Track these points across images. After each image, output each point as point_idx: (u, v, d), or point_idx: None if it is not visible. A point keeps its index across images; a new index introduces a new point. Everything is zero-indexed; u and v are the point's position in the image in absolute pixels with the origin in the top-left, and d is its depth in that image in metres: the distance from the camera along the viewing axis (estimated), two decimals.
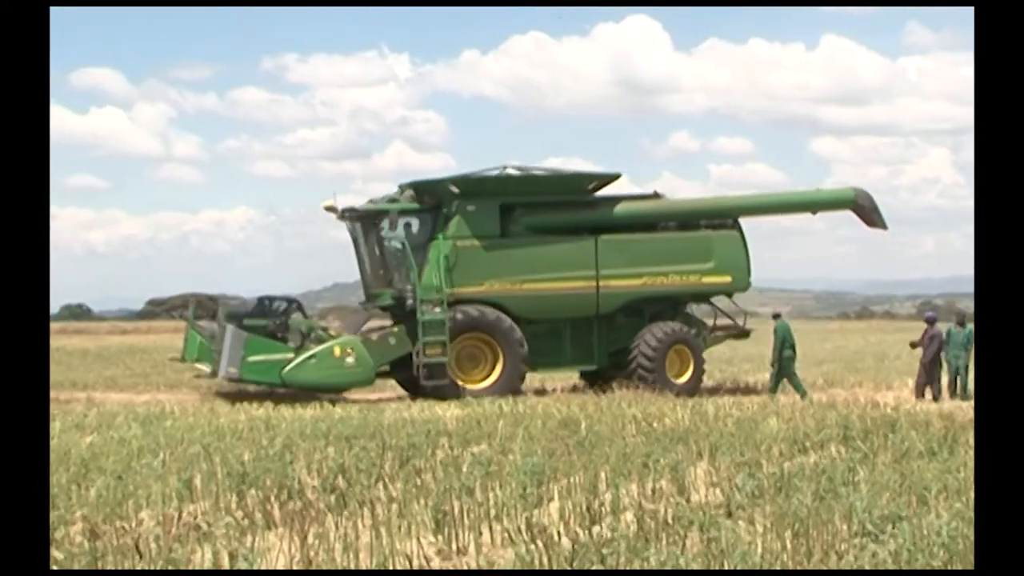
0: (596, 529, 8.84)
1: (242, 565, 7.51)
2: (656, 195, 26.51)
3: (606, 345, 25.22)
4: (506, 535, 8.88)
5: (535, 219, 24.89)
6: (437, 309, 23.65)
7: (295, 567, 7.94)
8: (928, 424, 14.46)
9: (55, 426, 17.48)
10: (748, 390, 25.70)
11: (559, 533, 8.70)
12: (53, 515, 9.60)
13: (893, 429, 13.96)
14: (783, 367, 24.24)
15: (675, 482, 10.77)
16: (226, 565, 7.65)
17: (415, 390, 23.93)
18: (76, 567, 7.81)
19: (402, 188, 25.49)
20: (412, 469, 11.92)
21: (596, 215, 25.32)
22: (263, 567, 7.84)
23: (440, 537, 8.87)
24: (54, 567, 7.77)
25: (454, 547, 8.68)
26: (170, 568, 7.68)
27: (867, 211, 25.86)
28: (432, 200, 24.75)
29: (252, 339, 23.32)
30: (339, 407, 20.51)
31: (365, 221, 24.97)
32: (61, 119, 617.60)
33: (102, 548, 8.34)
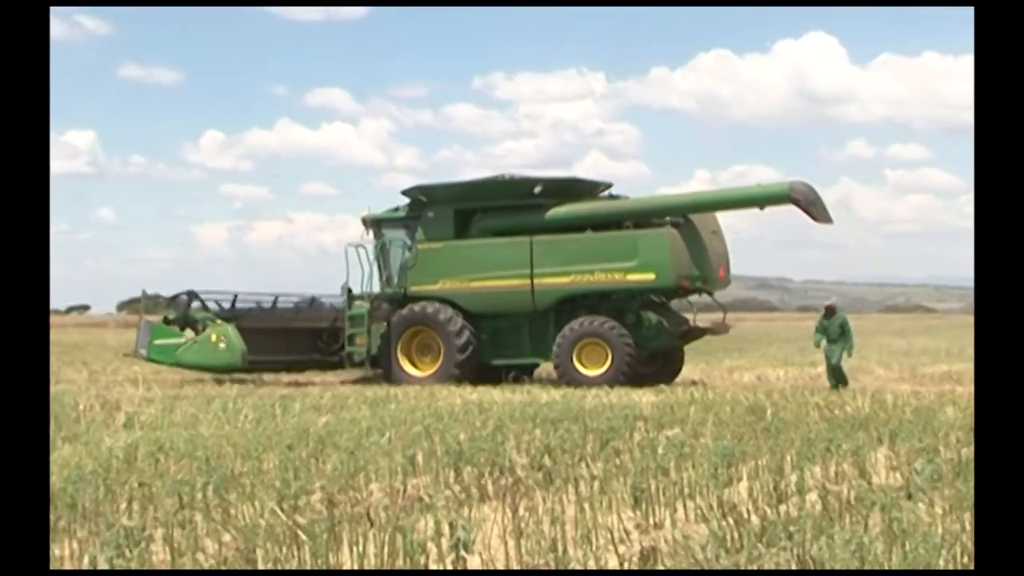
0: (783, 508, 8.63)
1: (460, 534, 7.55)
2: (612, 197, 25.82)
3: None
4: (699, 511, 8.75)
5: (487, 222, 25.12)
6: (364, 306, 25.21)
7: (508, 537, 7.95)
8: None
9: (295, 406, 18.01)
10: (926, 379, 24.83)
11: (748, 511, 8.52)
12: (295, 485, 9.86)
13: None
14: (836, 355, 22.06)
15: (856, 466, 10.44)
16: (446, 534, 7.70)
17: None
18: (316, 531, 7.95)
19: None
20: (612, 450, 11.86)
21: (534, 217, 24.72)
22: (479, 537, 7.86)
23: (638, 512, 8.78)
24: (298, 532, 7.93)
25: (651, 521, 8.59)
26: (398, 534, 7.77)
27: (804, 204, 23.21)
28: (417, 208, 25.44)
29: (156, 326, 26.16)
30: (544, 393, 20.63)
31: (370, 228, 26.04)
32: (297, 135, 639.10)
33: (338, 516, 8.50)
